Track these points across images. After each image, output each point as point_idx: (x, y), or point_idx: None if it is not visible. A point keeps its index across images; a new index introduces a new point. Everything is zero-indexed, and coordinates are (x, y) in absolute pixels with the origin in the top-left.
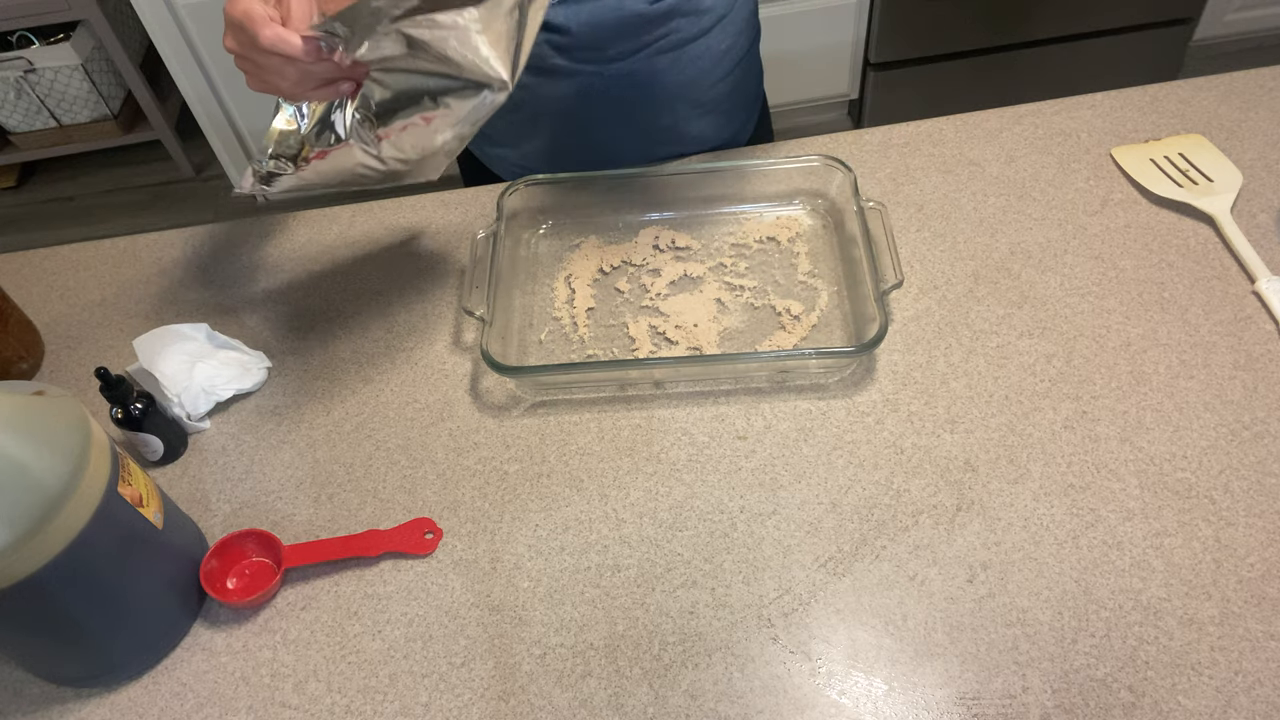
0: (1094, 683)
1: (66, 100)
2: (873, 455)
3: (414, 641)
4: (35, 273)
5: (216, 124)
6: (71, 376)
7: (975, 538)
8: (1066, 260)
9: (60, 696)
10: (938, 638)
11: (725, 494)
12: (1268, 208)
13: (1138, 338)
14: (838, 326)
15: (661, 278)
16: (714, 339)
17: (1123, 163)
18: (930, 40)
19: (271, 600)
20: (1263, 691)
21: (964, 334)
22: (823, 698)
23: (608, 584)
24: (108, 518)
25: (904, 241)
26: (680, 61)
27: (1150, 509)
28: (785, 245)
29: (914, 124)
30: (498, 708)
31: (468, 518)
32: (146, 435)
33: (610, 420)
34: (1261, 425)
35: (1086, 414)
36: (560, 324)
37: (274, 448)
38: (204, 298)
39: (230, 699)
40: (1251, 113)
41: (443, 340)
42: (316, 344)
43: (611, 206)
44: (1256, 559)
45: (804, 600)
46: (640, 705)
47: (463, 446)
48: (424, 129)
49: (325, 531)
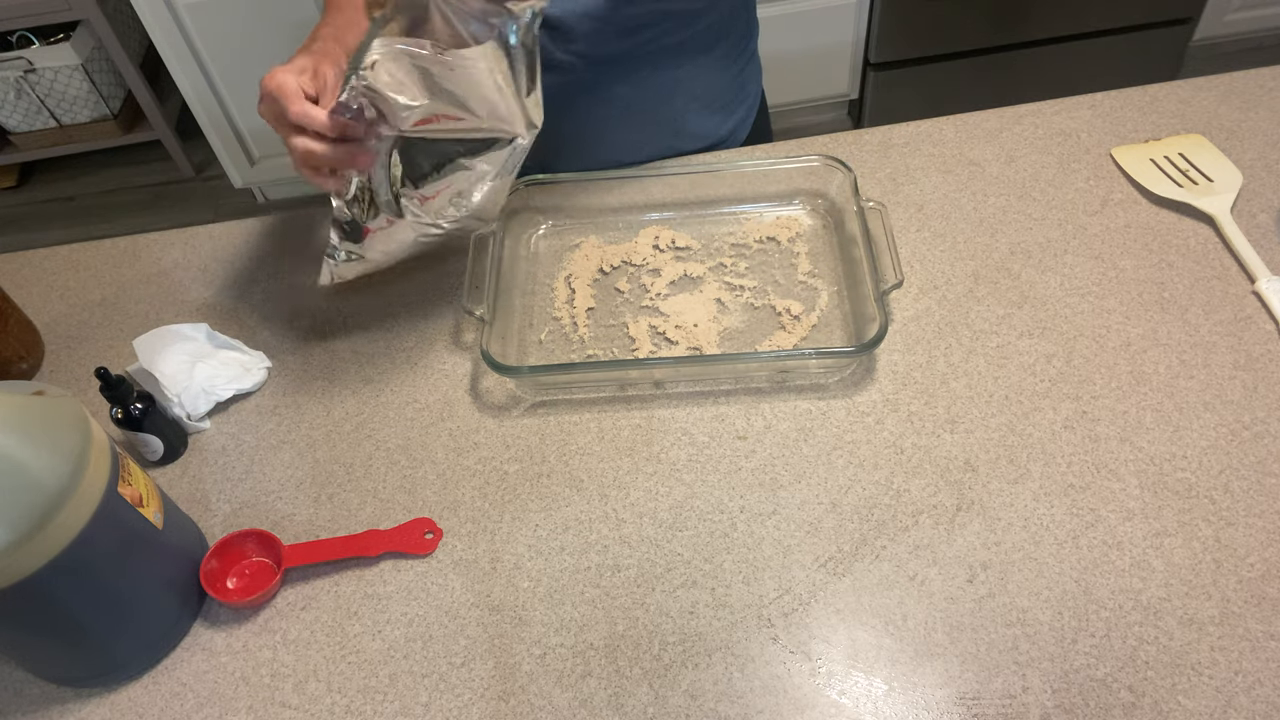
0: (1094, 683)
1: (66, 100)
2: (873, 455)
3: (414, 641)
4: (35, 273)
5: (216, 124)
6: (71, 376)
7: (975, 538)
8: (1066, 260)
9: (60, 696)
10: (938, 638)
11: (725, 494)
12: (1268, 208)
13: (1138, 338)
14: (838, 326)
15: (661, 278)
16: (714, 339)
17: (1123, 163)
18: (930, 40)
19: (271, 600)
20: (1263, 691)
21: (964, 334)
22: (823, 698)
23: (608, 584)
24: (108, 518)
25: (904, 241)
26: (679, 56)
27: (1150, 509)
28: (785, 245)
29: (914, 124)
30: (498, 708)
31: (468, 518)
32: (146, 435)
33: (610, 420)
34: (1261, 425)
35: (1086, 414)
36: (560, 324)
37: (274, 448)
38: (204, 298)
39: (230, 699)
40: (1251, 113)
41: (443, 340)
42: (316, 344)
43: (611, 206)
44: (1256, 559)
45: (804, 600)
46: (640, 705)
47: (463, 446)
48: (465, 185)
49: (325, 531)
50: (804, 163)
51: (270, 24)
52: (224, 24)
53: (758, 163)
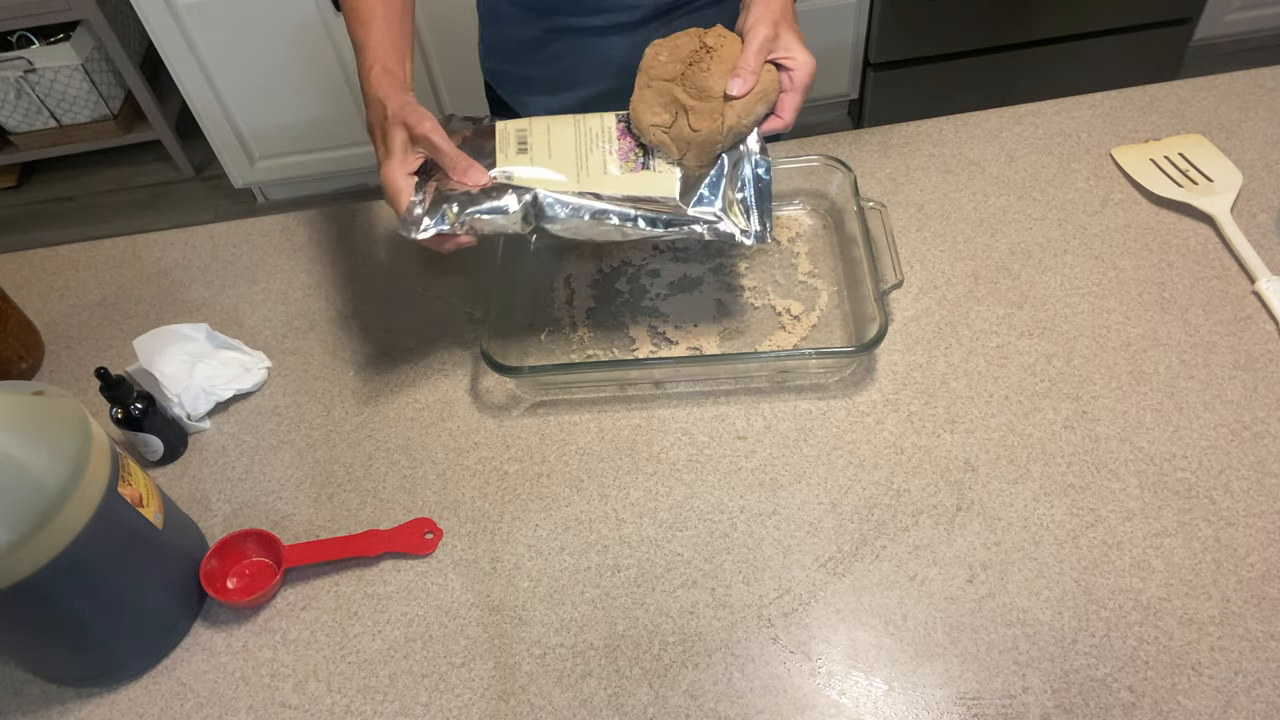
0: (1094, 683)
1: (66, 100)
2: (873, 455)
3: (414, 641)
4: (35, 273)
5: (216, 124)
6: (71, 376)
7: (975, 538)
8: (1066, 260)
9: (60, 696)
10: (938, 638)
11: (725, 494)
12: (1268, 208)
13: (1138, 338)
14: (838, 326)
15: (661, 278)
16: (714, 339)
17: (1123, 163)
18: (930, 40)
19: (271, 600)
20: (1263, 691)
21: (964, 334)
22: (823, 698)
23: (608, 584)
24: (108, 518)
25: (904, 241)
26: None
27: (1150, 509)
28: (785, 245)
29: (914, 124)
30: (498, 708)
31: (468, 518)
32: (146, 435)
33: (610, 420)
34: (1261, 425)
35: (1086, 414)
36: (560, 324)
37: (274, 448)
38: (204, 298)
39: (230, 699)
40: (1251, 113)
41: (443, 340)
42: (316, 344)
43: None
44: (1256, 559)
45: (804, 600)
46: (640, 705)
47: (463, 446)
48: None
49: (325, 531)
50: (804, 163)
51: (270, 24)
52: (224, 24)
53: None
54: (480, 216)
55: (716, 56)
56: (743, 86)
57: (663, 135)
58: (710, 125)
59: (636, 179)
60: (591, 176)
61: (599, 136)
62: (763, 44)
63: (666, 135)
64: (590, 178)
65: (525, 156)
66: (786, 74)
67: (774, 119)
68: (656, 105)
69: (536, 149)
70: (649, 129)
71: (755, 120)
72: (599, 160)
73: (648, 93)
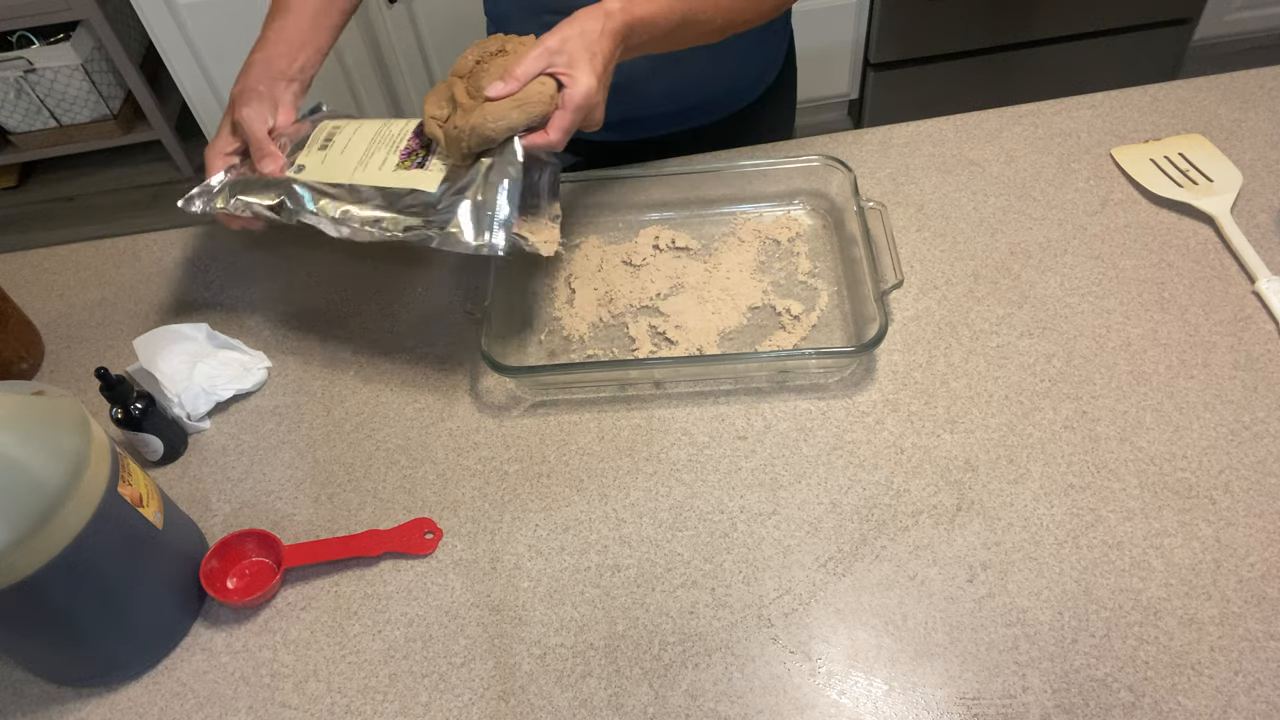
0: (1094, 683)
1: (66, 100)
2: (873, 455)
3: (414, 641)
4: (35, 273)
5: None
6: (71, 376)
7: (975, 538)
8: (1066, 260)
9: (60, 696)
10: (938, 638)
11: (725, 494)
12: (1268, 208)
13: (1138, 338)
14: (838, 326)
15: (661, 278)
16: (714, 339)
17: (1123, 163)
18: (930, 40)
19: (271, 600)
20: (1263, 691)
21: (964, 334)
22: (823, 698)
23: (608, 584)
24: (108, 518)
25: (904, 241)
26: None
27: (1150, 509)
28: (785, 245)
29: (914, 124)
30: (498, 708)
31: (468, 518)
32: (146, 435)
33: (610, 420)
34: (1261, 425)
35: (1086, 414)
36: (560, 324)
37: (274, 448)
38: (204, 298)
39: (230, 699)
40: (1251, 113)
41: (443, 340)
42: (316, 344)
43: (611, 206)
44: (1256, 559)
45: (804, 600)
46: (640, 705)
47: (463, 446)
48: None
49: (325, 531)
50: (804, 163)
51: None
52: (224, 24)
53: (758, 163)
54: (245, 199)
55: (505, 60)
56: (500, 89)
57: (436, 128)
58: (460, 122)
59: (405, 175)
60: (366, 172)
61: (396, 137)
62: (540, 54)
63: (440, 129)
64: (364, 173)
65: (323, 153)
66: (562, 93)
67: (540, 133)
68: (441, 99)
69: (336, 145)
70: (427, 120)
71: (508, 126)
72: (380, 158)
73: (441, 86)
